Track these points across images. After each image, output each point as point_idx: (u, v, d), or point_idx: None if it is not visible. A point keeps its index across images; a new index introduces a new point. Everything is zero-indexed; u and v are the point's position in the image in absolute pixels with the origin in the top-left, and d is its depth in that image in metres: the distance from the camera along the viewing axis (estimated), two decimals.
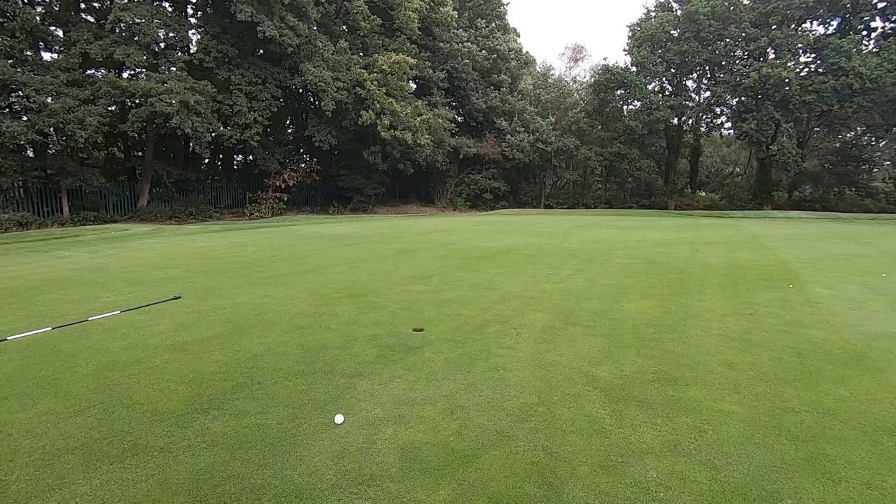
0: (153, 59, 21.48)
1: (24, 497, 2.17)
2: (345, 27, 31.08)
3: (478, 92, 36.96)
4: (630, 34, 39.21)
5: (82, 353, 4.13)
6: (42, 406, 3.12)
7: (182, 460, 2.48)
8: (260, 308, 5.72)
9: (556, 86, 42.15)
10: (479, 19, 38.27)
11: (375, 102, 26.83)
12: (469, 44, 35.32)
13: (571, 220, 24.65)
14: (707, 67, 37.86)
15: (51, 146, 20.94)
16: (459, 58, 34.75)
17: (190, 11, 26.14)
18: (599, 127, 40.35)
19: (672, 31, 36.59)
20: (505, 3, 41.09)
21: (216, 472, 2.38)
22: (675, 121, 38.67)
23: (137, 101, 21.15)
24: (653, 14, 38.33)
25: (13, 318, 5.35)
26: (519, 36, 42.62)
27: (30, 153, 20.90)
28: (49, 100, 18.19)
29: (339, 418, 2.90)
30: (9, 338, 4.33)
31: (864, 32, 32.30)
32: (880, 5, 31.16)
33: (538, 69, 44.76)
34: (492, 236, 14.90)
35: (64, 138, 18.78)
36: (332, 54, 26.43)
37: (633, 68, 37.51)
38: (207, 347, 4.26)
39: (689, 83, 40.13)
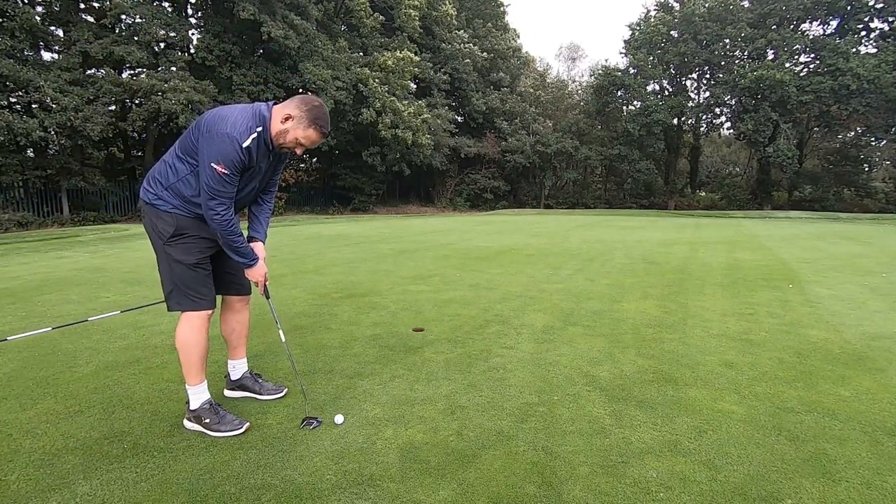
0: (153, 59, 21.48)
1: (24, 497, 2.16)
2: (344, 27, 31.07)
3: (478, 93, 36.94)
4: (629, 35, 39.16)
5: (82, 353, 4.13)
6: (42, 406, 3.12)
7: (182, 460, 2.48)
8: (259, 308, 5.71)
9: (556, 86, 42.16)
10: (478, 19, 38.24)
11: (377, 101, 26.74)
12: (469, 44, 35.30)
13: (571, 220, 24.66)
14: (706, 68, 37.86)
15: (51, 146, 20.95)
16: (460, 58, 34.73)
17: (190, 11, 26.13)
18: (599, 127, 40.35)
19: (671, 33, 36.58)
20: (505, 3, 41.10)
21: (216, 472, 2.38)
22: (675, 121, 38.68)
23: (138, 101, 21.14)
24: (652, 14, 38.28)
25: (13, 318, 5.35)
26: (518, 36, 42.65)
27: (30, 153, 20.90)
28: (49, 100, 18.18)
29: (339, 418, 2.90)
30: (9, 338, 4.33)
31: (864, 33, 32.30)
32: (878, 6, 31.17)
33: (537, 68, 44.77)
34: (492, 236, 14.90)
35: (71, 135, 18.77)
36: (332, 53, 26.41)
37: (632, 70, 37.50)
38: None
39: (689, 83, 40.11)
